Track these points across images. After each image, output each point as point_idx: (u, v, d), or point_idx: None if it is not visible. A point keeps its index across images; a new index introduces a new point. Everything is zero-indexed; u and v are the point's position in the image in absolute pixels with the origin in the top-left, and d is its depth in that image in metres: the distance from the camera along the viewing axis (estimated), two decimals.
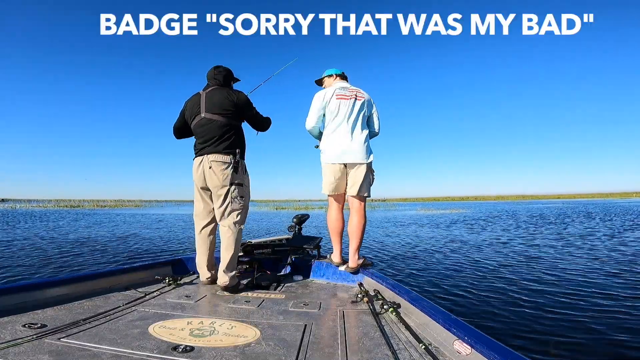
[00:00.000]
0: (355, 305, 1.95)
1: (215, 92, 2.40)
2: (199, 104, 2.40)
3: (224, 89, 2.43)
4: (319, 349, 1.35)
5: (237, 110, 2.39)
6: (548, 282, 4.29)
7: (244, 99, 2.44)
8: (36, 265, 5.36)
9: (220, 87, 2.45)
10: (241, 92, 2.50)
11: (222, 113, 2.34)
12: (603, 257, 5.97)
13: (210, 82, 2.48)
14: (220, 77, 2.46)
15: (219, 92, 2.40)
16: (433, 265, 5.54)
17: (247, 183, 2.47)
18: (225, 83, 2.47)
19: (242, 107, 2.42)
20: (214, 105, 2.36)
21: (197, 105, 2.41)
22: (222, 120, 2.34)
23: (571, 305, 3.40)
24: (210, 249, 2.44)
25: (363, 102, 2.58)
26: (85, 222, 15.21)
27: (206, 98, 2.39)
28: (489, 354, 1.11)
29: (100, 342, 1.33)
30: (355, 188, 2.53)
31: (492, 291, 3.94)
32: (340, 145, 2.52)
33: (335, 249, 2.64)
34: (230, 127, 2.37)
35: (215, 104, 2.36)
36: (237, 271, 2.36)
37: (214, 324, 1.59)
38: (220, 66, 2.52)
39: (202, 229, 2.45)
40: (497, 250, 7.01)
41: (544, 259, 5.91)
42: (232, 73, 2.54)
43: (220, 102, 2.36)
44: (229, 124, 2.36)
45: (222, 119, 2.34)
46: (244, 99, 2.44)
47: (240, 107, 2.41)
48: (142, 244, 8.12)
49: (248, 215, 2.50)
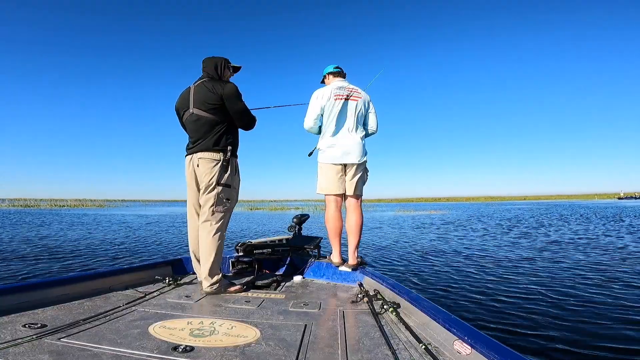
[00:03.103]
0: (355, 305, 1.95)
1: (203, 85, 2.24)
2: (188, 99, 2.27)
3: (212, 81, 2.26)
4: (319, 349, 1.35)
5: (224, 103, 2.21)
6: (548, 282, 4.29)
7: (229, 91, 2.22)
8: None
9: (210, 79, 2.28)
10: (230, 83, 2.30)
11: (209, 109, 2.20)
12: (603, 257, 5.97)
13: (203, 74, 2.33)
14: (209, 69, 2.31)
15: (206, 85, 2.23)
16: (431, 265, 5.54)
17: (236, 184, 2.34)
18: (215, 74, 2.30)
19: (227, 100, 2.21)
20: (200, 101, 2.21)
21: (187, 100, 2.28)
22: (210, 116, 2.20)
23: (571, 305, 3.40)
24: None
25: (360, 101, 2.59)
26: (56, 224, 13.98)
27: (194, 92, 2.26)
28: (489, 354, 1.11)
29: (100, 342, 1.33)
30: (353, 187, 2.57)
31: (492, 291, 3.94)
32: (338, 145, 2.54)
33: (334, 248, 2.65)
34: (220, 123, 2.22)
35: (202, 99, 2.21)
36: (221, 275, 2.22)
37: (214, 324, 1.59)
38: (212, 56, 2.35)
39: (195, 230, 2.35)
40: (494, 251, 7.02)
41: (544, 259, 5.92)
42: (223, 62, 2.34)
43: (205, 96, 2.20)
44: (217, 119, 2.21)
45: (209, 115, 2.20)
46: (230, 90, 2.22)
47: (226, 99, 2.21)
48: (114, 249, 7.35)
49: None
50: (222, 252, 2.26)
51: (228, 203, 2.27)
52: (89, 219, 17.44)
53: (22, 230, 11.26)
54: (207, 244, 2.20)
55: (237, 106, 2.26)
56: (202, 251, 2.22)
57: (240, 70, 2.47)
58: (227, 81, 2.34)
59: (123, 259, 6.24)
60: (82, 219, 17.29)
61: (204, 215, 2.25)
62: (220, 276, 2.22)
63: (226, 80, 2.34)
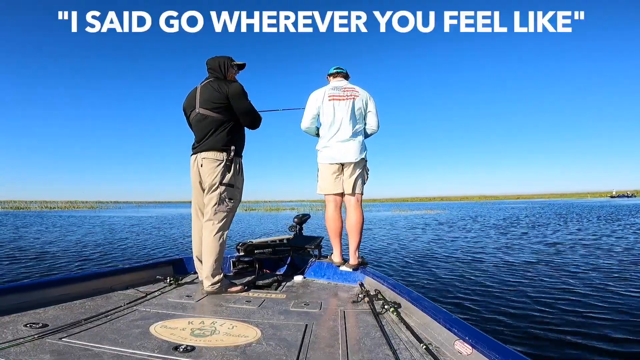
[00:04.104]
0: (356, 305, 1.95)
1: (208, 85, 2.26)
2: (195, 99, 2.29)
3: (217, 80, 2.27)
4: (319, 348, 1.35)
5: (230, 103, 2.23)
6: (548, 282, 4.28)
7: (235, 90, 2.23)
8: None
9: (216, 78, 2.30)
10: (236, 82, 2.32)
11: (214, 108, 2.21)
12: (602, 256, 5.96)
13: (208, 74, 2.35)
14: (213, 68, 2.32)
15: (212, 85, 2.24)
16: (431, 265, 5.54)
17: (240, 184, 2.35)
18: (220, 73, 2.31)
19: (232, 99, 2.22)
20: (206, 100, 2.23)
21: (193, 100, 2.29)
22: (215, 116, 2.21)
23: (571, 305, 3.40)
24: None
25: (358, 100, 2.59)
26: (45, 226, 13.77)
27: (200, 92, 2.28)
28: (490, 354, 1.10)
29: (101, 342, 1.33)
30: (351, 186, 2.57)
31: (492, 291, 3.94)
32: (334, 145, 2.56)
33: (335, 248, 2.65)
34: (225, 123, 2.23)
35: (207, 98, 2.22)
36: (222, 275, 2.23)
37: (214, 323, 1.59)
38: (215, 56, 2.36)
39: (199, 230, 2.36)
40: (494, 251, 7.01)
41: (544, 259, 5.91)
42: (227, 61, 2.34)
43: (211, 96, 2.21)
44: (223, 119, 2.22)
45: (215, 114, 2.21)
46: (236, 89, 2.24)
47: (231, 98, 2.22)
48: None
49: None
50: (223, 252, 2.26)
51: (231, 203, 2.27)
52: (82, 221, 17.31)
53: (22, 232, 11.25)
54: (209, 244, 2.21)
55: (242, 105, 2.27)
56: (204, 250, 2.23)
57: (245, 67, 2.46)
58: (233, 80, 2.35)
59: (116, 262, 6.21)
60: (79, 220, 17.21)
61: (206, 215, 2.26)
62: (222, 276, 2.22)
63: (232, 80, 2.35)
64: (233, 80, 2.36)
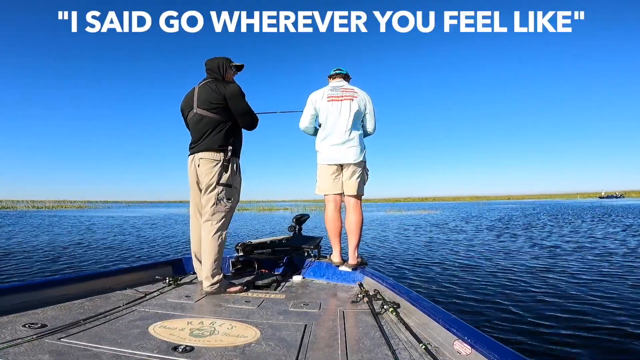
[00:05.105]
0: (355, 305, 1.95)
1: (206, 85, 2.27)
2: (192, 99, 2.30)
3: (215, 81, 2.29)
4: (319, 349, 1.35)
5: (227, 104, 2.24)
6: (547, 282, 4.29)
7: (232, 90, 2.24)
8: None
9: (214, 79, 2.31)
10: (233, 83, 2.33)
11: (212, 108, 2.22)
12: (599, 257, 5.97)
13: (207, 75, 2.36)
14: (212, 69, 2.33)
15: (210, 86, 2.25)
16: (431, 265, 5.54)
17: (238, 184, 2.35)
18: (219, 74, 2.32)
19: (230, 100, 2.23)
20: (204, 100, 2.24)
21: (191, 100, 2.30)
22: (213, 116, 2.22)
23: (571, 305, 3.40)
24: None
25: (356, 101, 2.59)
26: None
27: (198, 92, 2.28)
28: (489, 354, 1.11)
29: (100, 342, 1.33)
30: (351, 187, 2.58)
31: (492, 291, 3.94)
32: (333, 146, 2.56)
33: (334, 249, 2.66)
34: (222, 123, 2.24)
35: (205, 99, 2.24)
36: (221, 275, 2.23)
37: (214, 324, 1.59)
38: (214, 57, 2.37)
39: (197, 230, 2.36)
40: (493, 251, 7.01)
41: (543, 258, 5.91)
42: (225, 62, 2.35)
43: (209, 96, 2.23)
44: (220, 119, 2.23)
45: (213, 115, 2.22)
46: (233, 90, 2.25)
47: (229, 99, 2.23)
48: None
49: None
50: (222, 252, 2.26)
51: (229, 203, 2.28)
52: (72, 221, 17.16)
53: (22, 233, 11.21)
54: (208, 244, 2.21)
55: (240, 106, 2.28)
56: (203, 251, 2.23)
57: (243, 68, 2.47)
58: (231, 81, 2.36)
59: (111, 264, 6.17)
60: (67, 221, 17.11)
61: (205, 215, 2.26)
62: (221, 276, 2.22)
63: (229, 80, 2.36)
64: (231, 81, 2.37)
